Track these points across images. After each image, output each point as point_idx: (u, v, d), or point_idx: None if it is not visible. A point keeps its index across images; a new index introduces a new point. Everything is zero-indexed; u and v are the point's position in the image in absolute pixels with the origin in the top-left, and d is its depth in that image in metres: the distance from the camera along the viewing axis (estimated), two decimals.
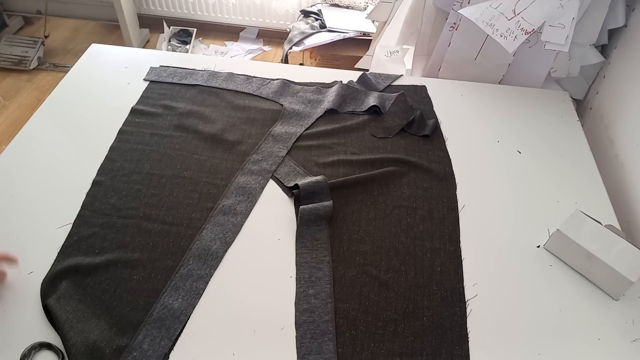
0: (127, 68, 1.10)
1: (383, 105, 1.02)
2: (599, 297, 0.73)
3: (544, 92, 1.12)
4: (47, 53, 2.36)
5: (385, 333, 0.66)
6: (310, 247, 0.76)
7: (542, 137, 1.00)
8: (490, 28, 1.00)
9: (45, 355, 0.62)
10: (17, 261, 0.68)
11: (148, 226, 0.77)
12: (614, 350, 0.67)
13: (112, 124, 0.95)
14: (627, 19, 1.07)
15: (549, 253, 0.78)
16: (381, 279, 0.72)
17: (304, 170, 0.88)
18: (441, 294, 0.71)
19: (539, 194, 0.88)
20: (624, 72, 1.05)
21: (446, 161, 0.92)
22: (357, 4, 2.09)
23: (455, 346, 0.65)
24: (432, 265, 0.75)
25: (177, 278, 0.71)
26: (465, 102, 1.08)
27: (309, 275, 0.72)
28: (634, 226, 0.89)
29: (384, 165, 0.90)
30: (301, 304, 0.69)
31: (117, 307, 0.67)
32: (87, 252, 0.73)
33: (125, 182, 0.84)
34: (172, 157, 0.90)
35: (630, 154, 0.96)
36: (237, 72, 1.10)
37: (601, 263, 0.71)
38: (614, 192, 0.91)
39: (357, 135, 0.97)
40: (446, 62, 1.19)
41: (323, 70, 1.15)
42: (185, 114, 0.98)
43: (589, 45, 1.10)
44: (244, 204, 0.82)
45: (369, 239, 0.78)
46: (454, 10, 1.10)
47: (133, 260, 0.72)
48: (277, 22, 2.43)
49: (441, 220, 0.81)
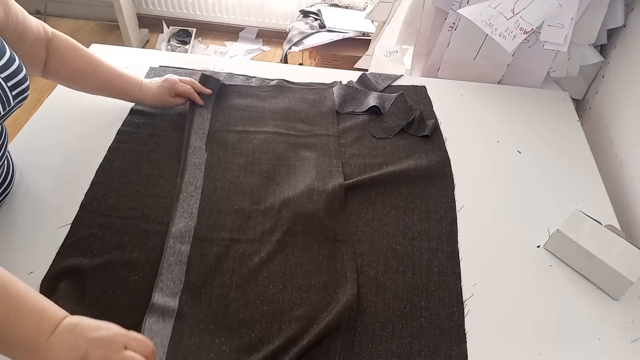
0: (127, 68, 1.10)
1: (383, 105, 1.02)
2: (599, 297, 0.73)
3: (544, 92, 1.12)
4: None
5: (383, 334, 0.66)
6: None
7: (542, 137, 1.00)
8: (489, 28, 0.99)
9: None
10: None
11: (147, 227, 0.77)
12: (614, 350, 0.67)
13: (111, 125, 0.95)
14: (626, 19, 1.06)
15: (549, 253, 0.78)
16: (379, 279, 0.72)
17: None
18: (439, 295, 0.71)
19: (539, 194, 0.88)
20: (623, 72, 1.05)
21: (445, 161, 0.92)
22: (357, 4, 2.09)
23: (453, 347, 0.65)
24: (429, 265, 0.75)
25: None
26: (465, 102, 1.08)
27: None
28: (634, 226, 0.89)
29: (383, 165, 0.90)
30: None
31: (116, 308, 0.67)
32: (86, 252, 0.73)
33: (124, 182, 0.84)
34: (171, 157, 0.89)
35: (629, 153, 0.96)
36: (237, 72, 1.10)
37: (601, 263, 0.70)
38: (613, 192, 0.91)
39: (356, 135, 0.97)
40: (445, 62, 1.19)
41: (322, 70, 1.15)
42: (184, 114, 0.98)
43: (588, 45, 1.10)
44: None
45: (366, 239, 0.78)
46: (453, 10, 1.10)
47: (132, 261, 0.72)
48: (276, 22, 2.43)
49: (439, 220, 0.81)
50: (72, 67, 0.86)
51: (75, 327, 0.50)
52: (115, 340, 0.50)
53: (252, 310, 0.67)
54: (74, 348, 0.49)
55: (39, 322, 0.50)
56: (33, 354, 0.49)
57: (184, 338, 0.63)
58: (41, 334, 0.49)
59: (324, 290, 0.70)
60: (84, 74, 0.88)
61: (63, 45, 0.84)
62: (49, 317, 0.51)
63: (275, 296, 0.69)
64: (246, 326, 0.66)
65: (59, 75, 0.87)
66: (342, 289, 0.70)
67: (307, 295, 0.69)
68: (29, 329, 0.49)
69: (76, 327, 0.51)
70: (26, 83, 0.71)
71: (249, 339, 0.64)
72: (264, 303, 0.68)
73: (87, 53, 0.88)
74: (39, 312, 0.51)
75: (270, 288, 0.70)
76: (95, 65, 0.88)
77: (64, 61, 0.85)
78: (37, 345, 0.49)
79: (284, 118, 0.98)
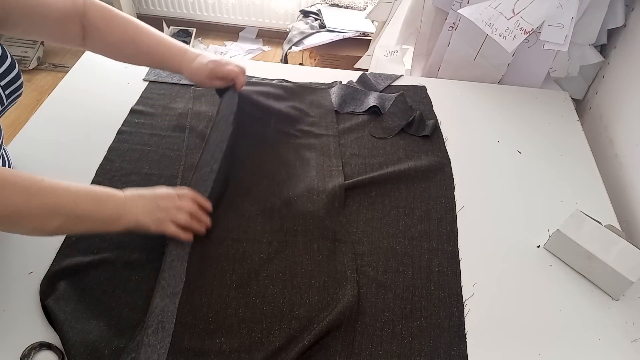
0: (127, 68, 1.10)
1: (383, 105, 1.02)
2: (599, 297, 0.73)
3: (544, 92, 1.12)
4: (47, 53, 2.37)
5: (383, 334, 0.66)
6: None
7: (542, 137, 1.00)
8: (489, 28, 0.99)
9: (45, 355, 0.62)
10: None
11: None
12: (614, 350, 0.67)
13: (111, 124, 0.95)
14: (626, 19, 1.06)
15: (549, 253, 0.78)
16: (379, 279, 0.72)
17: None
18: (439, 295, 0.71)
19: (539, 194, 0.88)
20: (623, 71, 1.05)
21: (445, 161, 0.92)
22: (357, 4, 2.09)
23: (453, 347, 0.65)
24: (429, 265, 0.75)
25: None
26: (465, 102, 1.08)
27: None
28: (634, 226, 0.89)
29: (383, 166, 0.90)
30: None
31: (116, 308, 0.67)
32: (85, 252, 0.73)
33: (123, 182, 0.84)
34: (171, 157, 0.89)
35: (629, 153, 0.96)
36: None
37: (601, 263, 0.70)
38: (613, 192, 0.91)
39: (356, 135, 0.97)
40: (445, 61, 1.19)
41: (322, 70, 1.15)
42: (184, 114, 0.98)
43: (588, 45, 1.10)
44: None
45: (366, 239, 0.78)
46: (453, 10, 1.10)
47: (132, 261, 0.72)
48: (276, 22, 2.43)
49: (439, 220, 0.81)
50: (108, 41, 0.80)
51: (138, 193, 0.68)
52: (172, 193, 0.71)
53: (252, 310, 0.67)
54: (147, 204, 0.67)
55: (113, 194, 0.66)
56: (118, 220, 0.65)
57: (184, 341, 0.63)
58: (120, 204, 0.65)
59: (324, 290, 0.70)
60: (120, 47, 0.82)
61: (97, 17, 0.78)
62: (115, 198, 0.66)
63: (275, 296, 0.69)
64: (246, 326, 0.66)
65: (97, 49, 0.82)
66: (342, 289, 0.70)
67: (307, 295, 0.69)
68: (111, 206, 0.65)
69: (138, 192, 0.68)
70: (19, 81, 0.71)
71: (249, 338, 0.64)
72: (264, 303, 0.68)
73: (124, 23, 0.80)
74: (109, 196, 0.66)
75: (270, 288, 0.70)
76: (131, 35, 0.81)
77: (99, 35, 0.79)
78: (119, 214, 0.65)
79: (284, 118, 0.98)
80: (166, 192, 0.70)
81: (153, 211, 0.67)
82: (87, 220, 0.63)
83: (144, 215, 0.66)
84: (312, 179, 0.84)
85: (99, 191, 0.65)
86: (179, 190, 0.72)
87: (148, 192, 0.69)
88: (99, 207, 0.64)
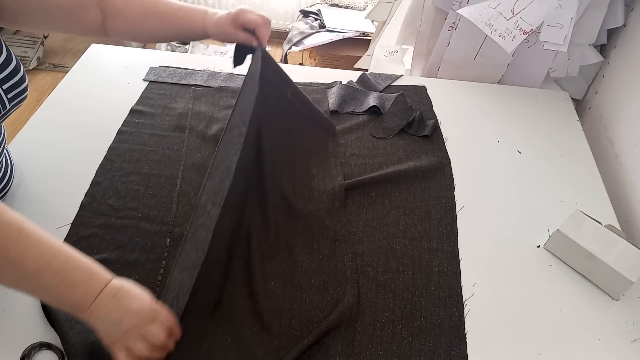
0: (127, 68, 1.10)
1: (383, 105, 1.02)
2: (599, 297, 0.73)
3: (544, 92, 1.12)
4: (47, 53, 2.37)
5: (383, 334, 0.66)
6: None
7: (542, 137, 1.00)
8: (489, 28, 0.99)
9: (45, 355, 0.62)
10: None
11: (147, 227, 0.77)
12: (614, 350, 0.67)
13: (111, 124, 0.95)
14: (626, 19, 1.06)
15: (549, 253, 0.78)
16: (379, 279, 0.72)
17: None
18: (439, 295, 0.71)
19: (539, 194, 0.88)
20: (623, 71, 1.05)
21: (445, 161, 0.92)
22: (357, 4, 2.09)
23: (453, 347, 0.65)
24: (429, 265, 0.75)
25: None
26: (465, 102, 1.08)
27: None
28: (633, 226, 0.89)
29: (383, 166, 0.90)
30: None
31: None
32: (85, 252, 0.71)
33: (124, 182, 0.84)
34: (171, 157, 0.89)
35: (629, 153, 0.96)
36: (237, 73, 1.10)
37: (601, 263, 0.70)
38: (613, 192, 0.91)
39: (356, 135, 0.97)
40: (445, 61, 1.19)
41: (322, 70, 1.15)
42: (184, 115, 0.98)
43: (588, 45, 1.10)
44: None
45: (366, 239, 0.78)
46: (453, 10, 1.10)
47: (132, 261, 0.72)
48: (276, 22, 2.43)
49: (439, 220, 0.81)
50: (129, 17, 0.76)
51: (117, 292, 0.55)
52: (146, 314, 0.55)
53: (252, 309, 0.67)
54: (112, 313, 0.54)
55: (89, 279, 0.55)
56: (78, 312, 0.54)
57: (190, 322, 0.62)
58: (89, 295, 0.54)
59: (324, 290, 0.70)
60: (143, 21, 0.77)
61: None
62: (98, 278, 0.55)
63: (275, 292, 0.69)
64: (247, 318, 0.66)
65: (120, 30, 0.78)
66: (342, 289, 0.70)
67: (307, 294, 0.69)
68: (77, 293, 0.54)
69: (117, 292, 0.55)
70: (24, 84, 0.70)
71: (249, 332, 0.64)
72: (264, 297, 0.68)
73: None
74: (90, 273, 0.55)
75: (270, 284, 0.70)
76: (150, 6, 0.77)
77: (119, 14, 0.76)
78: (83, 304, 0.54)
79: (297, 92, 0.95)
80: (141, 310, 0.55)
81: (113, 325, 0.54)
82: (45, 293, 0.54)
83: (101, 323, 0.54)
84: (312, 178, 0.84)
85: (77, 268, 0.54)
86: (158, 313, 0.56)
87: (126, 299, 0.55)
88: (63, 287, 0.53)
